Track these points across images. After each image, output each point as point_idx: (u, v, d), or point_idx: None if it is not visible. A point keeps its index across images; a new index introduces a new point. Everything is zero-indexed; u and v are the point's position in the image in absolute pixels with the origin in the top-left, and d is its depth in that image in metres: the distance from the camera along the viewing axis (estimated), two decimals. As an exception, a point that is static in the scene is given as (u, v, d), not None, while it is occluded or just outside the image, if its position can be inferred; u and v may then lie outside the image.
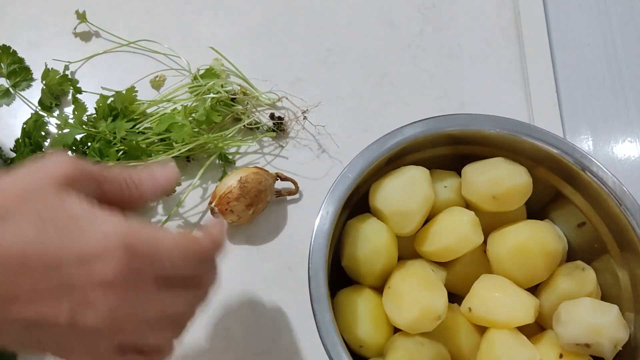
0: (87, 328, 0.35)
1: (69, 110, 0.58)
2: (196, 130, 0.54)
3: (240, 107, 0.56)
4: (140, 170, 0.40)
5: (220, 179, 0.55)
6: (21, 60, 0.59)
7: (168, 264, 0.37)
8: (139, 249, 0.35)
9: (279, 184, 0.55)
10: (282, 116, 0.58)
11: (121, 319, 0.35)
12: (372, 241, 0.44)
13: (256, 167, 0.54)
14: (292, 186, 0.55)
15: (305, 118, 0.58)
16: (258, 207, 0.52)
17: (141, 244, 0.36)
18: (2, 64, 0.58)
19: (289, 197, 0.56)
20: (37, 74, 0.59)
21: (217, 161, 0.56)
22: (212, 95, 0.55)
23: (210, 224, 0.39)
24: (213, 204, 0.52)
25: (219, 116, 0.54)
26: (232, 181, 0.52)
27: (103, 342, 0.36)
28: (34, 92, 0.58)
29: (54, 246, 0.34)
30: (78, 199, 0.36)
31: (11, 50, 0.58)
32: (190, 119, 0.54)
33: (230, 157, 0.56)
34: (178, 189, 0.56)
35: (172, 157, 0.53)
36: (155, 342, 0.38)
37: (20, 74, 0.58)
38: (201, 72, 0.58)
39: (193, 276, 0.39)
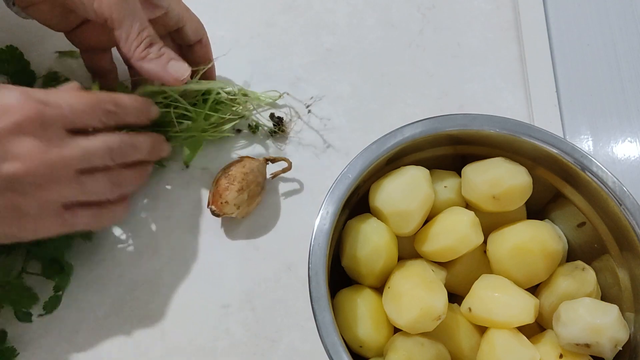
0: (10, 177, 0.40)
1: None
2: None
3: (241, 107, 0.56)
4: None
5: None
6: (27, 63, 0.58)
7: (69, 110, 0.42)
8: (45, 100, 0.41)
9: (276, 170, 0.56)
10: (282, 116, 0.58)
11: (39, 164, 0.40)
12: (372, 241, 0.44)
13: (239, 156, 0.55)
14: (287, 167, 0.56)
15: (309, 112, 0.58)
16: (252, 190, 0.52)
17: (46, 96, 0.42)
18: (7, 65, 0.57)
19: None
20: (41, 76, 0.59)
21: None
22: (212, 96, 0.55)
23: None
24: (210, 205, 0.52)
25: (220, 117, 0.54)
26: (217, 175, 0.53)
27: (30, 196, 0.41)
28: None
29: None
30: None
31: (17, 52, 0.58)
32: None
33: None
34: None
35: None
36: (82, 190, 0.44)
37: (24, 75, 0.58)
38: None
39: (102, 124, 0.45)
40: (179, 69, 0.48)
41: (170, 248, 0.54)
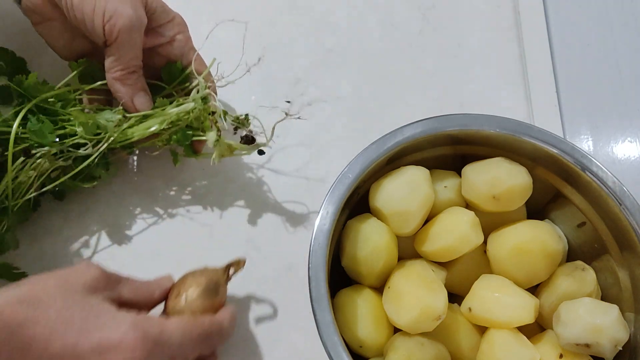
0: None
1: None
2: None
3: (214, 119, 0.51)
4: (149, 281, 0.46)
5: None
6: (23, 62, 0.57)
7: (178, 350, 0.41)
8: (159, 339, 0.40)
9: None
10: (251, 130, 0.53)
11: None
12: (372, 241, 0.45)
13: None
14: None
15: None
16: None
17: (160, 334, 0.40)
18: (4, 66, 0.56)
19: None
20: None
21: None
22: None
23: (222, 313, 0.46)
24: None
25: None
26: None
27: None
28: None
29: (75, 337, 0.38)
30: (102, 300, 0.41)
31: (9, 52, 0.57)
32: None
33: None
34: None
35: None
36: None
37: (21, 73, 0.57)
38: None
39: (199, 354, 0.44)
40: (144, 103, 0.51)
41: (170, 249, 0.54)
